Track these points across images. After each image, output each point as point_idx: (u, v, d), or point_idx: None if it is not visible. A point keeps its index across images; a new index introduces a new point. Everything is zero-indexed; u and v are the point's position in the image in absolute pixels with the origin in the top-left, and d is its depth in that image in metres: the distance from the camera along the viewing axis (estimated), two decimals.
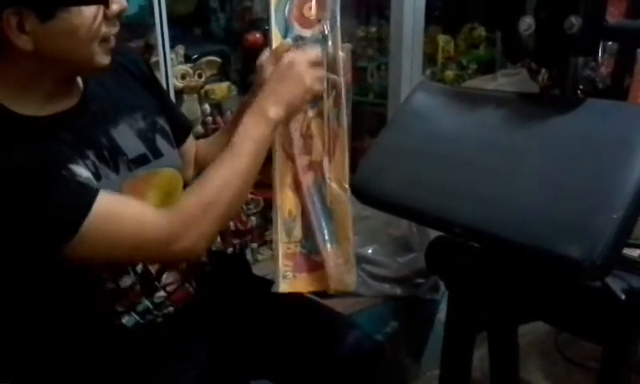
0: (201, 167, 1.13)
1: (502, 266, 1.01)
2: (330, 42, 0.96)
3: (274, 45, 0.98)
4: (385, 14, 2.37)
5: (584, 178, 0.82)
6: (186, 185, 1.05)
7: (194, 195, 0.89)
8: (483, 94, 1.15)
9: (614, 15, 1.34)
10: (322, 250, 0.97)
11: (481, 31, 2.68)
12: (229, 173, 0.89)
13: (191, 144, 1.15)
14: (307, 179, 0.98)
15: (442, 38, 2.56)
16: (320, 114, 0.98)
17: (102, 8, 0.82)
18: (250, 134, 0.91)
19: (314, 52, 0.95)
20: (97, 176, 0.87)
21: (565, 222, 0.80)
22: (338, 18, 0.96)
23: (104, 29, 0.83)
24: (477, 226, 0.90)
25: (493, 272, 1.04)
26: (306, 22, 0.98)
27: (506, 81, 2.09)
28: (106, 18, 0.83)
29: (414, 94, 1.15)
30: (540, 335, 1.83)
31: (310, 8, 0.97)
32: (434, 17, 2.52)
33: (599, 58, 1.53)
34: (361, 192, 1.08)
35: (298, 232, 0.99)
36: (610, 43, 1.45)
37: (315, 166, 0.98)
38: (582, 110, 0.91)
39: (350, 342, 1.05)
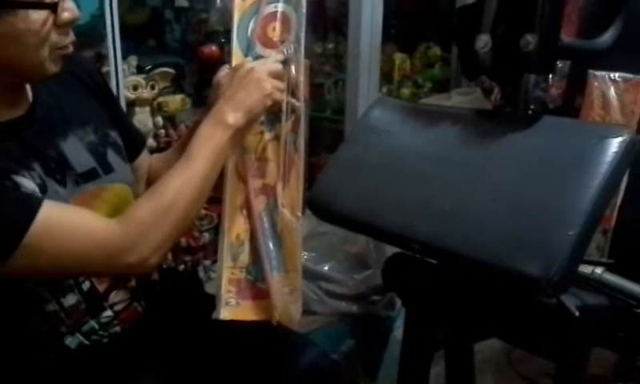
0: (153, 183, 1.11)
1: (459, 284, 1.01)
2: (292, 66, 0.94)
3: (234, 62, 0.97)
4: (342, 30, 2.38)
5: (540, 195, 0.83)
6: None
7: (149, 202, 0.85)
8: (441, 110, 1.16)
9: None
10: (268, 278, 0.93)
11: (436, 51, 2.72)
12: (185, 179, 0.85)
13: (144, 159, 1.11)
14: (259, 203, 0.95)
15: (398, 56, 2.59)
16: (277, 138, 0.96)
17: (51, 14, 0.78)
18: (208, 140, 0.88)
19: (274, 64, 0.93)
20: (43, 188, 0.83)
21: (522, 239, 0.81)
22: (302, 42, 0.95)
23: (54, 37, 0.80)
24: (435, 242, 0.89)
25: (450, 289, 1.03)
26: (268, 42, 0.97)
27: (461, 99, 2.12)
28: (56, 25, 0.80)
29: (371, 110, 1.15)
30: (493, 352, 1.85)
31: (274, 29, 0.96)
32: (390, 35, 2.54)
33: (550, 79, 1.56)
34: (318, 207, 1.07)
35: (244, 258, 0.95)
36: (560, 65, 1.48)
37: (268, 191, 0.96)
38: (538, 128, 0.92)
39: (307, 361, 1.03)
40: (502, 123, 0.99)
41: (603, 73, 1.23)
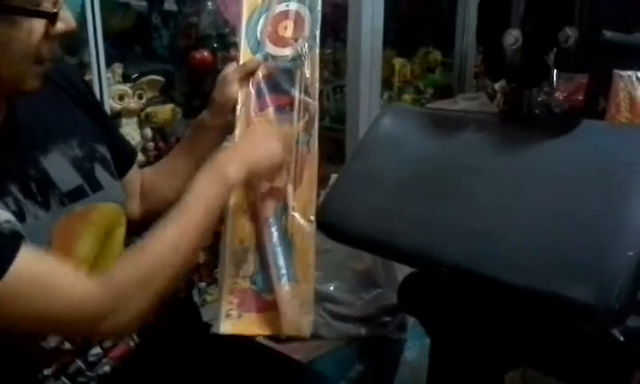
0: (148, 200, 1.02)
1: (488, 308, 0.91)
2: (306, 64, 0.91)
3: (242, 60, 0.94)
4: (340, 36, 2.31)
5: (590, 210, 0.74)
6: (129, 221, 0.92)
7: (134, 264, 0.74)
8: (460, 115, 1.07)
9: None
10: (276, 288, 0.85)
11: (436, 55, 2.65)
12: (176, 239, 0.76)
13: (135, 174, 1.01)
14: (266, 208, 0.88)
15: (397, 61, 2.51)
16: None
17: (45, 24, 0.70)
18: (204, 195, 0.79)
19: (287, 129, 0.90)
20: (20, 216, 0.73)
21: (571, 261, 0.72)
22: (318, 39, 0.92)
23: (43, 49, 0.71)
24: (466, 265, 0.80)
25: (479, 314, 0.93)
26: (280, 41, 0.93)
27: (466, 105, 2.05)
28: (47, 37, 0.70)
29: (382, 117, 1.08)
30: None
31: (286, 27, 0.93)
32: (388, 40, 2.46)
33: (554, 82, 1.48)
34: (328, 226, 0.98)
35: (249, 266, 0.88)
36: None
37: (277, 194, 0.89)
38: (578, 133, 0.83)
39: None
40: (535, 128, 0.90)
41: (630, 72, 1.14)
